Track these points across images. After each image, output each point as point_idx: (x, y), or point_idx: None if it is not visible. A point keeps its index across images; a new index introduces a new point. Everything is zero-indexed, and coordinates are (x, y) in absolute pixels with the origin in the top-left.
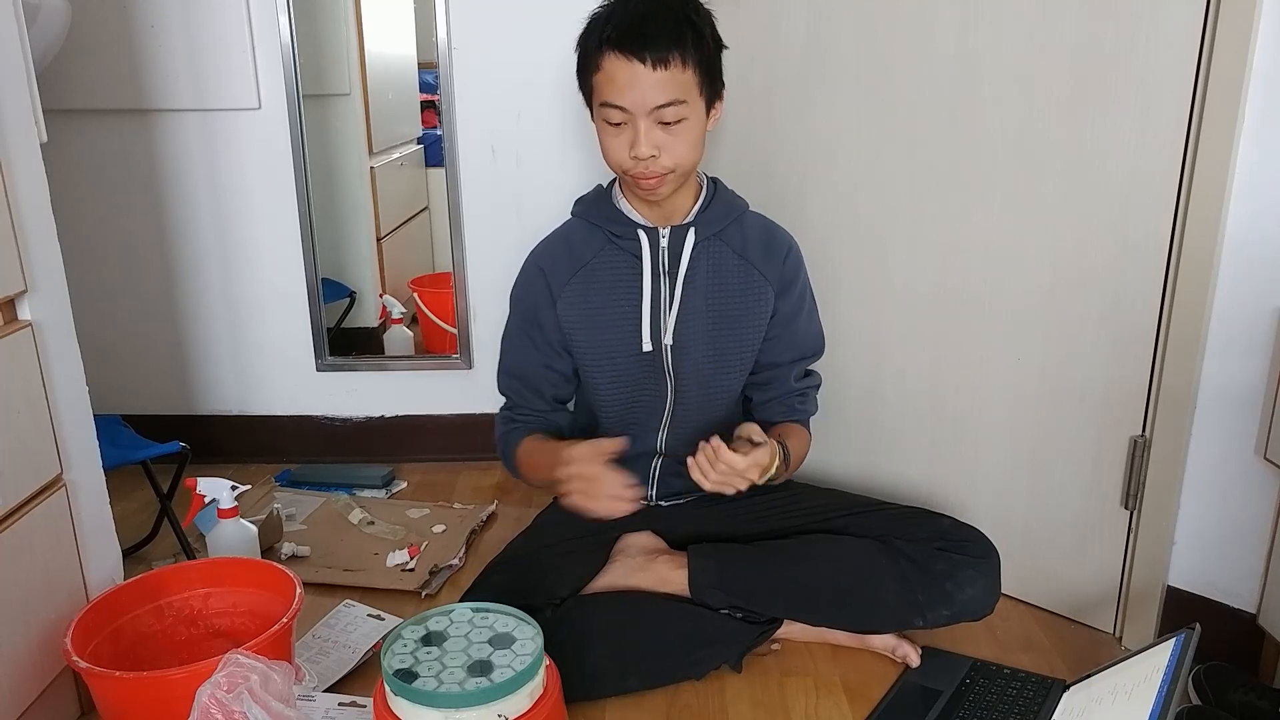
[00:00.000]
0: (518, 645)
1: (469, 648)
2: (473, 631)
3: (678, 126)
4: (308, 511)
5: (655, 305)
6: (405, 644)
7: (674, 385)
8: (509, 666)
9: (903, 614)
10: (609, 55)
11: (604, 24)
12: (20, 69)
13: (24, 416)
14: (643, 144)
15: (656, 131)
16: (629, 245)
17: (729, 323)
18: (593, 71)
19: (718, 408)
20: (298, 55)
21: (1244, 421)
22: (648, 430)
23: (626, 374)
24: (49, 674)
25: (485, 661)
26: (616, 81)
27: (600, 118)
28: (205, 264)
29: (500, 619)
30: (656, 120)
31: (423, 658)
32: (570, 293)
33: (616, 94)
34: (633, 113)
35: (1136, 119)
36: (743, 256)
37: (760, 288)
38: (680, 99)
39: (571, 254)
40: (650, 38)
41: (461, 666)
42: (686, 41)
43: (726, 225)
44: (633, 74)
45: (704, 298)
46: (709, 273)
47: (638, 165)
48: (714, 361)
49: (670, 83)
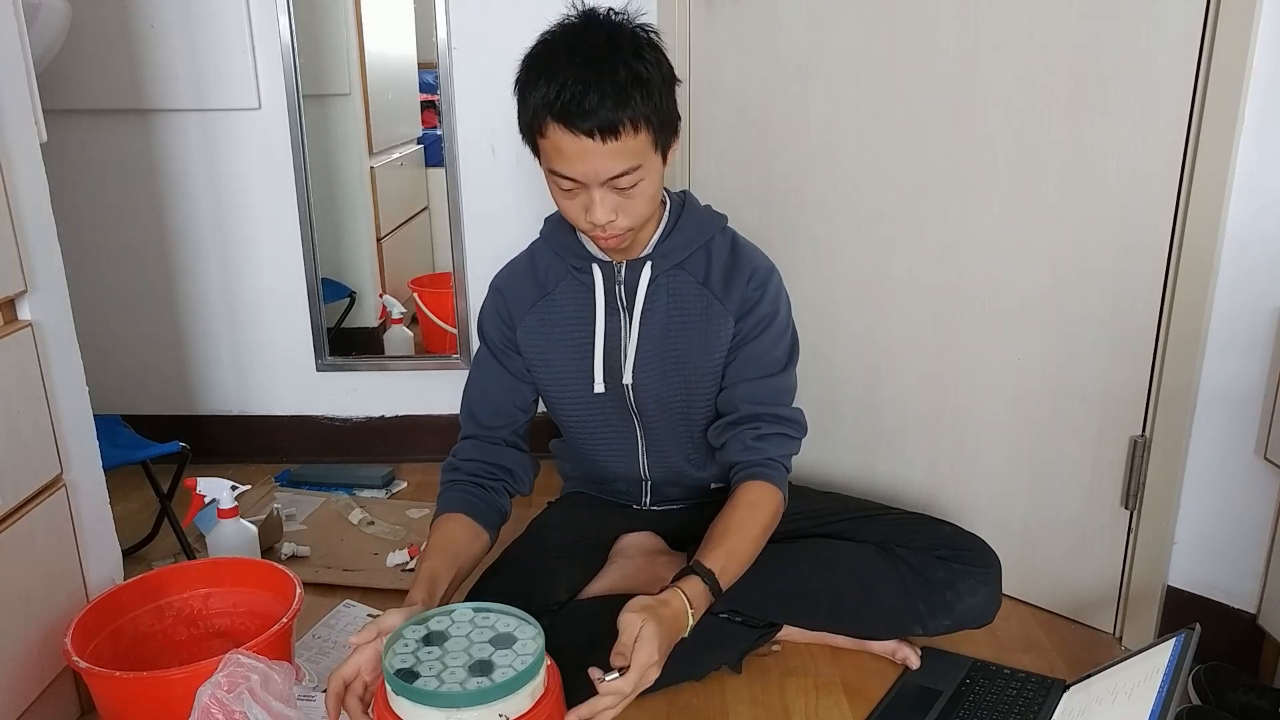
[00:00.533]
0: (519, 645)
1: (470, 647)
2: (474, 631)
3: (633, 190)
4: (308, 511)
5: (612, 344)
6: (407, 643)
7: (640, 421)
8: (510, 666)
9: (902, 621)
10: (552, 126)
11: (545, 88)
12: (20, 69)
13: (24, 416)
14: (598, 211)
15: (611, 196)
16: (585, 279)
17: (689, 356)
18: (537, 134)
19: (690, 439)
20: (298, 55)
21: (1244, 421)
22: (626, 458)
23: (589, 410)
24: (49, 674)
25: (486, 661)
26: (565, 153)
27: (551, 181)
28: (205, 264)
29: (501, 619)
30: (611, 188)
31: (424, 657)
32: (530, 322)
33: (566, 165)
34: (586, 183)
35: (1136, 119)
36: (704, 285)
37: (719, 317)
38: (634, 165)
39: (535, 280)
40: (594, 112)
41: (463, 666)
42: (634, 103)
43: (690, 253)
44: (581, 149)
45: (662, 333)
46: (667, 305)
47: (594, 229)
48: (678, 397)
49: (621, 152)
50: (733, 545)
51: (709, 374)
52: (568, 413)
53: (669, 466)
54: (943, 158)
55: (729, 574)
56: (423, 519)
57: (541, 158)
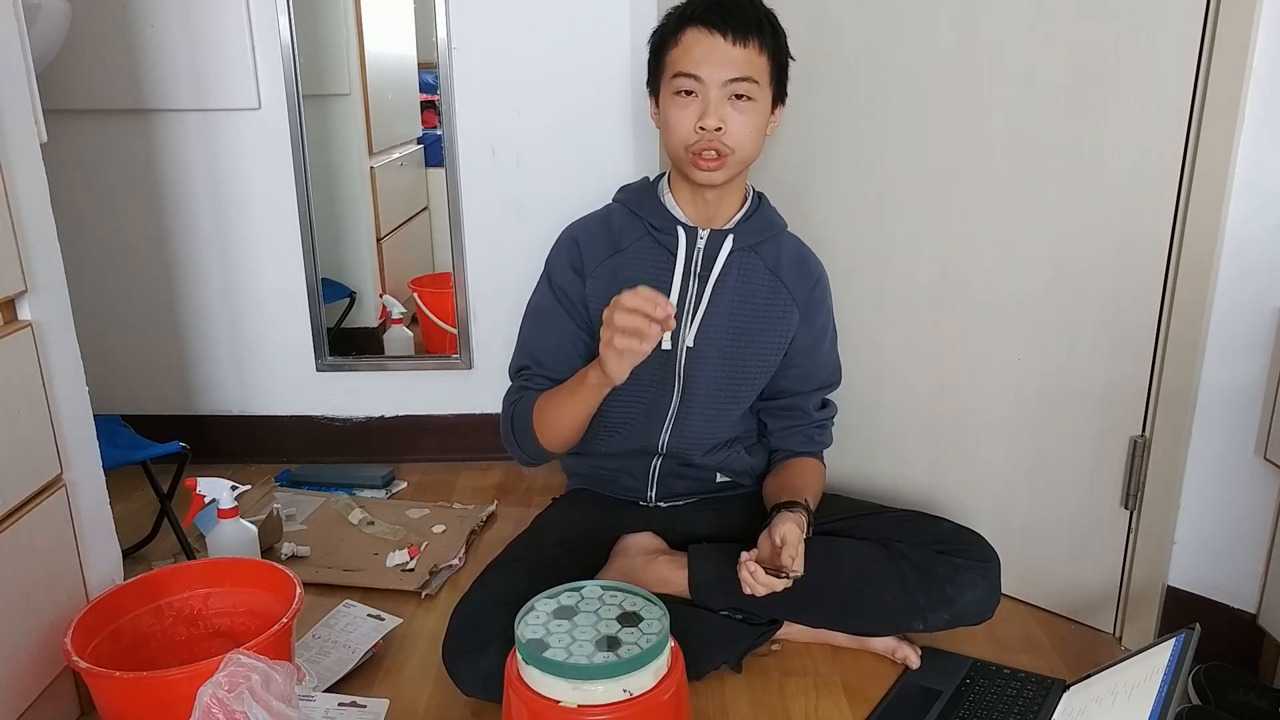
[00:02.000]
0: (645, 624)
1: (598, 623)
2: (602, 608)
3: (746, 105)
4: (308, 511)
5: (680, 306)
6: (539, 615)
7: (681, 388)
8: (636, 644)
9: (903, 617)
10: (690, 29)
11: (687, 5)
12: (20, 69)
13: (24, 416)
14: (711, 114)
15: (726, 106)
16: (666, 240)
17: (750, 335)
18: (670, 47)
19: (727, 417)
20: (298, 55)
21: (1244, 421)
22: (648, 428)
23: (637, 370)
24: (49, 674)
25: (614, 638)
26: (694, 53)
27: (670, 90)
28: (205, 264)
29: (629, 598)
30: (728, 94)
31: (554, 630)
32: (601, 273)
33: (692, 64)
34: (706, 83)
35: (1136, 119)
36: (774, 273)
37: (787, 305)
38: (754, 78)
39: (609, 235)
40: (734, 15)
41: (591, 640)
42: (765, 31)
43: (764, 240)
44: (712, 46)
45: (729, 306)
46: (738, 282)
47: (702, 138)
48: (730, 371)
49: (746, 61)
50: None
51: (766, 355)
52: None
53: (687, 440)
54: (943, 157)
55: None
56: (423, 519)
57: (665, 73)
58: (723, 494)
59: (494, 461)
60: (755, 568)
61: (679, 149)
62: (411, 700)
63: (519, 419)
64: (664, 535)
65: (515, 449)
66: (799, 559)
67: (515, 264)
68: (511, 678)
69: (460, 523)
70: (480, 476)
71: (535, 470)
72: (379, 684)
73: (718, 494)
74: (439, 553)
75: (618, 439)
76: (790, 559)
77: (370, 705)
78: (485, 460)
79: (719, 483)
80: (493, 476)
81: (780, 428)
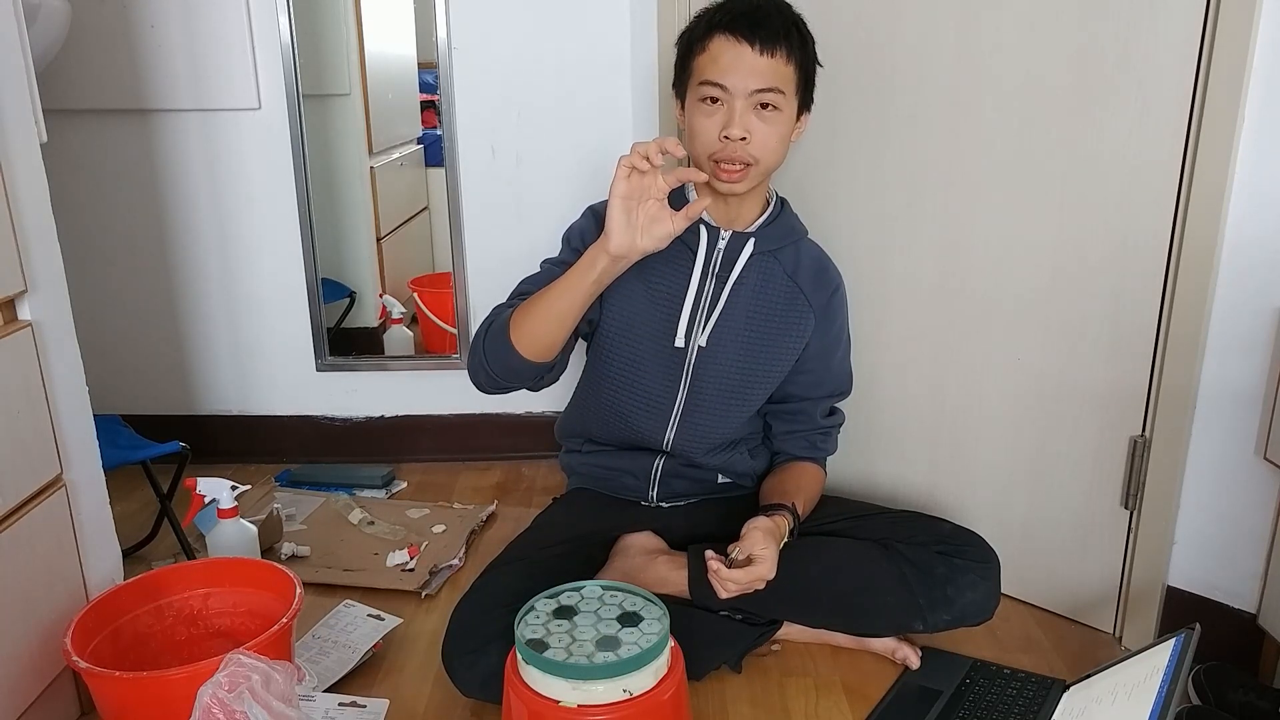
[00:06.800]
0: (645, 624)
1: (598, 623)
2: (602, 609)
3: (771, 115)
4: (308, 511)
5: (697, 304)
6: (538, 615)
7: (687, 387)
8: (636, 644)
9: (903, 617)
10: (717, 37)
11: (715, 11)
12: (20, 69)
13: (24, 416)
14: (736, 124)
15: (751, 116)
16: (688, 238)
17: (765, 339)
18: (696, 54)
19: (734, 418)
20: (298, 55)
21: (1244, 421)
22: (650, 426)
23: (643, 362)
24: (49, 674)
25: (613, 638)
26: (720, 62)
27: (696, 97)
28: (205, 264)
29: (629, 598)
30: (754, 104)
31: (554, 629)
32: None
33: (719, 73)
34: (732, 93)
35: (1136, 119)
36: (792, 279)
37: (803, 311)
38: (779, 88)
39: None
40: (762, 25)
41: (590, 640)
42: (794, 40)
43: (784, 245)
44: (739, 55)
45: (746, 309)
46: (756, 285)
47: (726, 147)
48: (741, 373)
49: (773, 71)
50: (806, 502)
51: (779, 360)
52: (621, 356)
53: (693, 439)
54: (943, 157)
55: (802, 519)
56: (422, 519)
57: (692, 80)
58: (724, 495)
59: (494, 461)
60: (717, 566)
61: (703, 157)
62: (411, 700)
63: (495, 324)
64: (664, 535)
65: (479, 357)
66: (766, 560)
67: (515, 264)
68: (511, 678)
69: (460, 523)
70: (480, 476)
71: (535, 470)
72: (379, 684)
73: (719, 495)
74: (439, 553)
75: (619, 428)
76: (743, 553)
77: (370, 705)
78: (485, 460)
79: (720, 483)
80: (493, 476)
81: (784, 431)
